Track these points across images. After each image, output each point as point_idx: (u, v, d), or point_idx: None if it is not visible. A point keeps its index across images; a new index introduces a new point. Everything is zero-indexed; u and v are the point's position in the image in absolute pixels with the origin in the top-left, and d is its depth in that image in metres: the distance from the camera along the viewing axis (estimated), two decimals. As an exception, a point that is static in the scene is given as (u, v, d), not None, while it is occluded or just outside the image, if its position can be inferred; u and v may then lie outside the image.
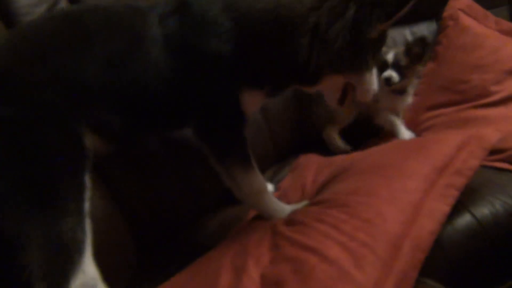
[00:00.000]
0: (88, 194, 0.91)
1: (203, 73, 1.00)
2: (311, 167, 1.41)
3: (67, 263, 0.84)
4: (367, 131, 1.76)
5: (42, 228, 0.84)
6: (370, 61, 1.02)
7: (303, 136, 1.74)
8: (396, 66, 1.54)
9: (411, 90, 1.67)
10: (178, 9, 1.01)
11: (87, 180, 0.92)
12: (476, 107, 1.53)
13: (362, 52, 0.99)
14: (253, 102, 1.07)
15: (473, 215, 1.08)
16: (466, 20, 1.72)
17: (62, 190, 0.87)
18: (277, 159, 1.67)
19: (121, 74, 0.96)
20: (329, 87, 1.10)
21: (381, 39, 1.04)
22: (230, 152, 1.07)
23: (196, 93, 1.01)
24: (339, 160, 1.34)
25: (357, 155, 1.28)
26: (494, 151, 1.08)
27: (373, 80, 1.09)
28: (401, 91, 1.63)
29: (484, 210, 1.10)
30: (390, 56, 1.54)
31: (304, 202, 1.16)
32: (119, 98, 0.98)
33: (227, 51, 0.98)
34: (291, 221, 1.01)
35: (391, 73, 1.53)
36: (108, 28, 0.99)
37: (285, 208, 1.13)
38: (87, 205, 0.90)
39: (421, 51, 1.53)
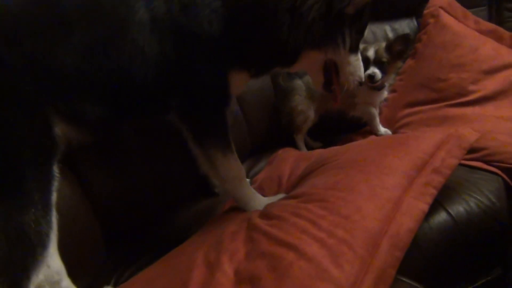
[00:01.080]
0: (55, 185, 0.87)
1: (192, 55, 0.98)
2: (288, 160, 1.40)
3: (28, 257, 0.80)
4: (341, 127, 1.77)
5: (2, 218, 0.79)
6: (347, 37, 1.02)
7: (280, 129, 1.72)
8: (378, 62, 1.53)
9: (388, 85, 1.68)
10: None
11: (55, 171, 0.88)
12: (453, 105, 1.54)
13: (337, 25, 0.99)
14: (238, 84, 1.07)
15: (448, 213, 1.09)
16: (447, 18, 1.73)
17: (26, 179, 0.83)
18: (253, 152, 1.65)
19: (104, 63, 0.93)
20: (309, 66, 1.10)
21: (361, 18, 1.03)
22: (210, 134, 1.06)
23: (183, 75, 0.99)
24: (317, 154, 1.33)
25: (335, 149, 1.27)
26: (469, 150, 1.08)
27: (358, 65, 1.09)
28: (379, 87, 1.63)
29: (459, 208, 1.11)
30: (371, 53, 1.53)
31: (280, 195, 1.14)
32: (100, 87, 0.95)
33: (216, 31, 0.97)
34: (267, 214, 0.98)
35: (374, 70, 1.53)
36: (89, 16, 0.95)
37: (262, 199, 1.13)
38: (54, 196, 0.86)
39: (403, 48, 1.53)
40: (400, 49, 1.53)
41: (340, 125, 1.78)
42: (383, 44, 1.56)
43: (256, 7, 0.97)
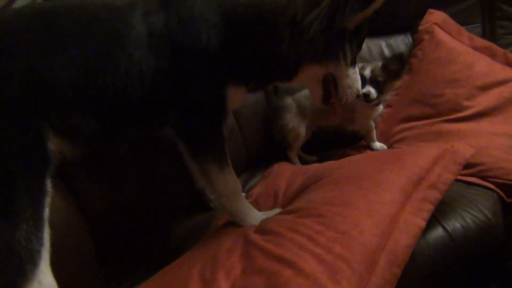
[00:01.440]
0: (48, 200, 0.86)
1: (189, 69, 0.97)
2: (284, 174, 1.39)
3: (18, 274, 0.78)
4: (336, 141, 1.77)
5: None
6: (348, 52, 1.02)
7: (276, 143, 1.72)
8: (373, 81, 1.53)
9: (383, 100, 1.69)
10: (162, 6, 0.98)
11: (48, 186, 0.87)
12: (448, 121, 1.55)
13: (338, 40, 0.99)
14: (236, 98, 1.07)
15: (445, 229, 1.09)
16: (441, 35, 1.75)
17: (17, 195, 0.82)
18: (249, 165, 1.64)
19: (100, 77, 0.92)
20: (308, 80, 1.10)
21: (360, 32, 1.04)
22: (207, 149, 1.05)
23: (180, 89, 0.98)
24: (313, 168, 1.32)
25: (331, 164, 1.27)
26: (465, 166, 1.09)
27: (356, 78, 1.09)
28: (376, 103, 1.63)
29: (455, 224, 1.10)
30: (367, 72, 1.53)
31: (276, 210, 1.14)
32: (95, 101, 0.94)
33: (214, 46, 0.97)
34: (264, 230, 0.97)
35: (369, 89, 1.53)
36: (85, 30, 0.94)
37: (257, 214, 1.12)
38: (46, 212, 0.85)
39: (398, 68, 1.53)
40: (395, 68, 1.53)
41: (335, 140, 1.78)
42: (380, 64, 1.56)
43: (256, 22, 0.97)
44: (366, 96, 1.53)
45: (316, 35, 0.95)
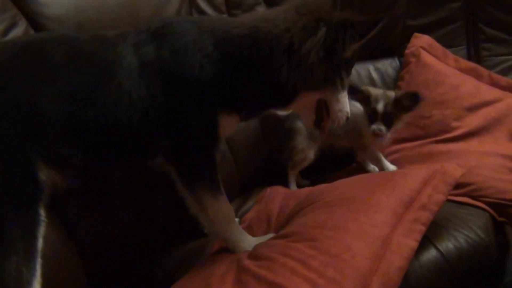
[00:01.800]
0: (42, 230, 0.86)
1: (182, 98, 0.98)
2: (277, 199, 1.39)
3: None
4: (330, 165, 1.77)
5: None
6: (344, 78, 1.04)
7: (268, 167, 1.72)
8: (385, 116, 1.49)
9: None
10: (154, 37, 0.99)
11: (42, 215, 0.87)
12: (438, 142, 1.57)
13: (336, 68, 1.01)
14: (229, 126, 1.07)
15: (437, 250, 1.09)
16: (428, 58, 1.79)
17: (8, 226, 0.82)
18: (242, 191, 1.64)
19: (88, 108, 0.93)
20: (302, 106, 1.10)
21: (353, 59, 1.06)
22: (199, 177, 1.05)
23: (172, 118, 0.99)
24: (305, 192, 1.32)
25: (323, 187, 1.27)
26: (456, 186, 1.10)
27: (346, 102, 1.10)
28: None
29: (448, 245, 1.11)
30: (380, 106, 1.49)
31: (270, 235, 1.14)
32: (85, 132, 0.94)
33: (208, 75, 0.97)
34: (256, 255, 0.97)
35: (380, 127, 1.49)
36: (74, 61, 0.95)
37: (251, 239, 1.11)
38: (39, 242, 0.84)
39: (411, 104, 1.48)
40: (408, 104, 1.48)
41: (327, 163, 1.78)
42: (392, 96, 1.51)
43: (251, 51, 0.98)
44: (377, 133, 1.50)
45: (315, 64, 0.96)
